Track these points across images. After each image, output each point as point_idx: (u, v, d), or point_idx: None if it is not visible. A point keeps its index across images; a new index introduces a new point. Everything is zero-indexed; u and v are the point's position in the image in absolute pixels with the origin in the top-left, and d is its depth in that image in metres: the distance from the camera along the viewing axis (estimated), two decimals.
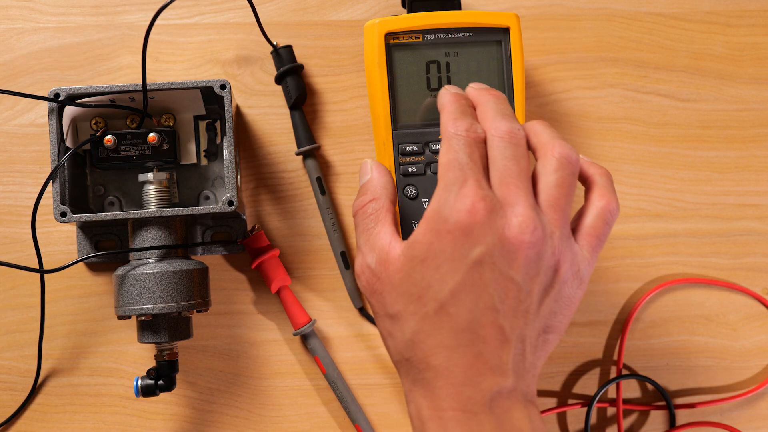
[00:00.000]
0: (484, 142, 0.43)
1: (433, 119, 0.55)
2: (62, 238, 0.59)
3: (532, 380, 0.42)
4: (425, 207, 0.55)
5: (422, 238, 0.41)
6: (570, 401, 0.61)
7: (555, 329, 0.43)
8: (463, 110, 0.44)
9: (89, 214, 0.53)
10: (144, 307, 0.52)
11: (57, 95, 0.53)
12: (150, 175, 0.55)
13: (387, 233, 0.43)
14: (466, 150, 0.41)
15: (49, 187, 0.59)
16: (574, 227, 0.44)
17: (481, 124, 0.44)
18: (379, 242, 0.43)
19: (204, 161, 0.58)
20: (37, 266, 0.56)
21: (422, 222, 0.41)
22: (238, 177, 0.57)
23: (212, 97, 0.56)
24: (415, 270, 0.41)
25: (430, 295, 0.40)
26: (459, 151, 0.41)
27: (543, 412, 0.61)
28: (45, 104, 0.59)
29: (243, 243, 0.58)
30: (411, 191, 0.55)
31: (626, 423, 0.62)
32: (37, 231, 0.59)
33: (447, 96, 0.45)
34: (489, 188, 0.41)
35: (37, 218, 0.59)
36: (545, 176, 0.43)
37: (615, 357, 0.62)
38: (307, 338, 0.59)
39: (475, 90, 0.46)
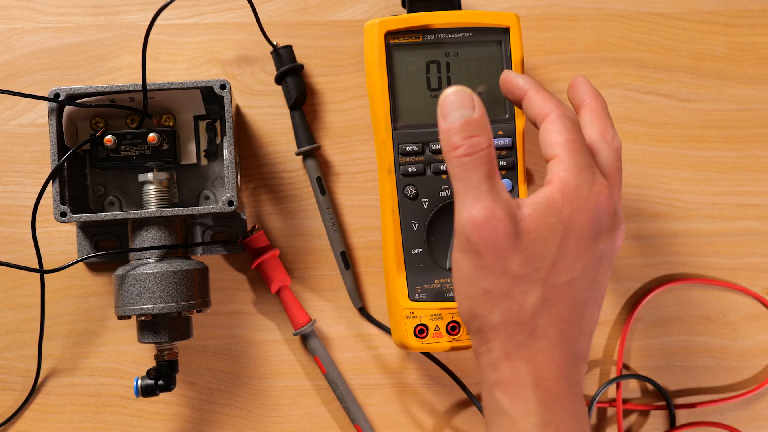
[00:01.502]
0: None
1: (433, 119, 0.55)
2: (62, 238, 0.59)
3: (586, 349, 0.45)
4: (425, 207, 0.55)
5: (563, 208, 0.42)
6: None
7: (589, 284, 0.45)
8: (559, 102, 0.46)
9: (89, 214, 0.53)
10: (144, 307, 0.52)
11: (57, 95, 0.53)
12: (150, 175, 0.55)
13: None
14: (581, 138, 0.44)
15: (49, 187, 0.59)
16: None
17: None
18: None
19: (204, 161, 0.58)
20: (37, 266, 0.56)
21: (558, 192, 0.42)
22: (238, 177, 0.57)
23: (212, 97, 0.56)
24: (555, 237, 0.41)
25: (564, 265, 0.41)
26: (579, 141, 0.44)
27: None
28: (45, 104, 0.59)
29: (243, 243, 0.58)
30: (411, 191, 0.55)
31: (626, 423, 0.62)
32: (37, 231, 0.59)
33: (447, 104, 0.45)
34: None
35: (37, 218, 0.59)
36: (606, 157, 0.46)
37: (615, 357, 0.62)
38: (307, 338, 0.59)
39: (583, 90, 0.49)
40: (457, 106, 0.42)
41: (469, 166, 0.42)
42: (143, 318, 0.53)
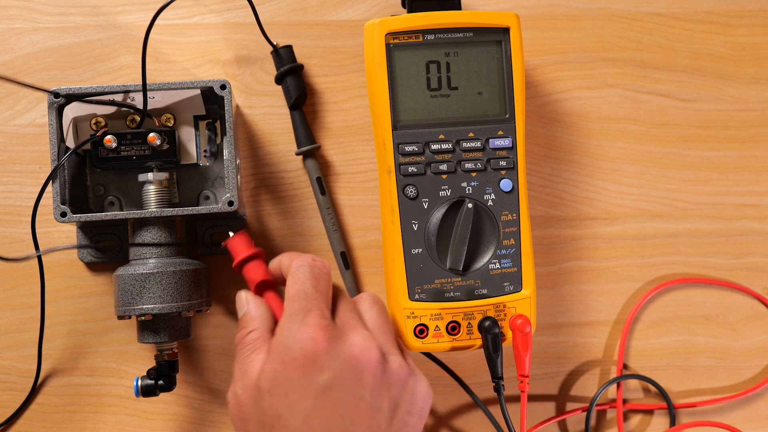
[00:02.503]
0: (329, 274, 0.46)
1: (433, 119, 0.55)
2: (62, 238, 0.59)
3: None
4: (425, 207, 0.55)
5: (269, 368, 0.42)
6: (570, 402, 0.61)
7: None
8: (304, 255, 0.47)
9: (89, 214, 0.53)
10: (144, 307, 0.52)
11: (57, 95, 0.53)
12: (150, 175, 0.55)
13: (259, 361, 0.44)
14: (311, 280, 0.44)
15: (49, 187, 0.59)
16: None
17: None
18: (249, 370, 0.44)
19: (204, 161, 0.58)
20: (35, 266, 0.56)
21: (269, 353, 0.42)
22: (238, 177, 0.57)
23: (212, 97, 0.56)
24: (264, 399, 0.41)
25: (281, 423, 0.41)
26: (305, 282, 0.44)
27: (545, 421, 0.61)
28: (45, 104, 0.59)
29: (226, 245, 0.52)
30: (411, 191, 0.55)
31: (626, 423, 0.62)
32: (37, 231, 0.59)
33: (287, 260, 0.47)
34: (331, 318, 0.44)
35: (37, 218, 0.59)
36: (367, 312, 0.47)
37: (615, 357, 0.62)
38: None
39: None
40: (237, 306, 0.48)
41: (235, 354, 0.46)
42: (143, 318, 0.53)
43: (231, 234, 0.50)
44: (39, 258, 0.55)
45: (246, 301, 0.47)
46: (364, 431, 0.41)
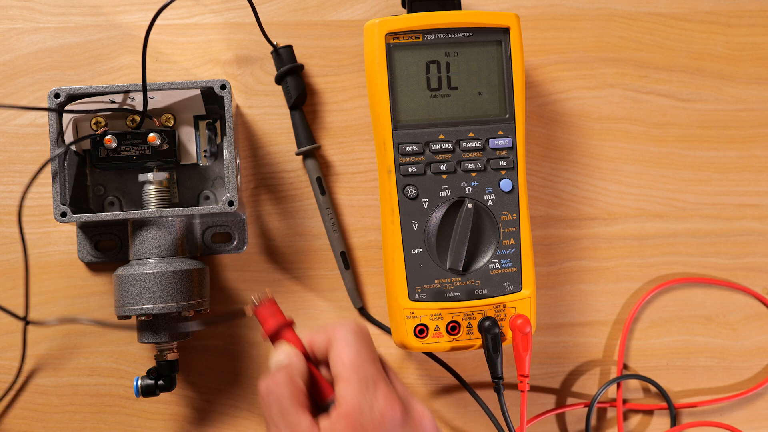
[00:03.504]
0: (371, 337, 0.45)
1: (433, 119, 0.55)
2: (62, 238, 0.59)
3: None
4: (425, 207, 0.55)
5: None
6: (570, 401, 0.61)
7: None
8: (340, 321, 0.47)
9: (89, 214, 0.53)
10: (144, 307, 0.52)
11: (57, 95, 0.53)
12: (150, 175, 0.55)
13: (308, 418, 0.43)
14: (366, 348, 0.44)
15: (50, 187, 0.59)
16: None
17: None
18: (301, 425, 0.42)
19: (204, 161, 0.58)
20: (38, 265, 0.56)
21: (339, 419, 0.42)
22: (238, 177, 0.57)
23: (212, 97, 0.56)
24: None
25: None
26: (360, 348, 0.44)
27: (545, 412, 0.61)
28: (45, 104, 0.59)
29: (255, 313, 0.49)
30: (411, 191, 0.55)
31: (626, 423, 0.62)
32: (37, 231, 0.59)
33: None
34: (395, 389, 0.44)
35: (37, 218, 0.59)
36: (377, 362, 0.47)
37: (615, 357, 0.62)
38: None
39: None
40: (274, 354, 0.46)
41: (267, 401, 0.44)
42: (143, 318, 0.53)
43: (255, 302, 0.47)
44: (27, 308, 0.55)
45: (286, 352, 0.45)
46: None
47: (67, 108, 0.54)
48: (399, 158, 0.55)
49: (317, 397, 0.45)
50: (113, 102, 0.55)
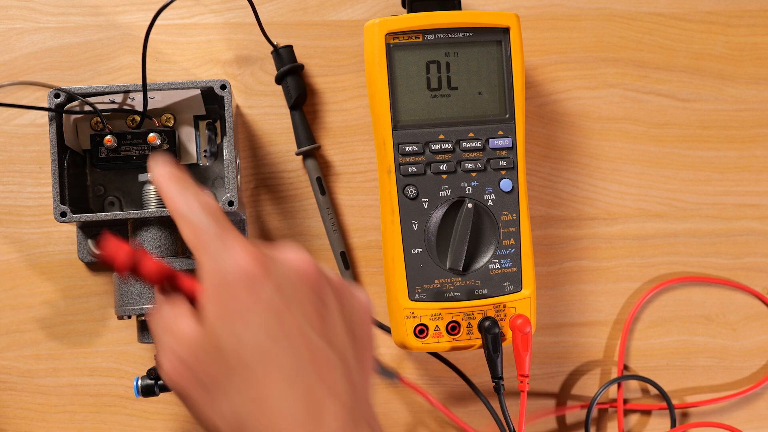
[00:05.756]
0: (217, 203, 0.43)
1: (433, 119, 0.55)
2: (62, 238, 0.59)
3: (369, 408, 0.41)
4: (425, 207, 0.55)
5: (213, 302, 0.39)
6: (570, 402, 0.61)
7: (366, 343, 0.42)
8: (181, 186, 0.43)
9: (89, 214, 0.53)
10: (144, 307, 0.52)
11: (57, 95, 0.53)
12: (150, 175, 0.55)
13: (186, 319, 0.41)
14: (205, 215, 0.41)
15: (50, 187, 0.59)
16: None
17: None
18: (180, 327, 0.40)
19: (204, 161, 0.58)
20: (38, 265, 0.55)
21: (206, 293, 0.40)
22: (238, 177, 0.57)
23: (212, 97, 0.56)
24: (220, 331, 0.39)
25: (246, 345, 0.39)
26: (201, 220, 0.41)
27: (544, 414, 0.61)
28: (45, 104, 0.59)
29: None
30: (411, 191, 0.55)
31: (626, 423, 0.62)
32: (37, 231, 0.59)
33: (159, 181, 0.43)
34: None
35: (37, 218, 0.59)
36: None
37: (615, 357, 0.62)
38: None
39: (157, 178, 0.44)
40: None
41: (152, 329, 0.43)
42: (143, 318, 0.53)
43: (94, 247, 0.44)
44: None
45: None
46: (321, 332, 0.40)
47: (67, 108, 0.54)
48: (399, 158, 0.55)
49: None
50: (113, 102, 0.55)
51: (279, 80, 0.60)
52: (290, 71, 0.60)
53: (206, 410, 0.40)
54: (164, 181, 0.43)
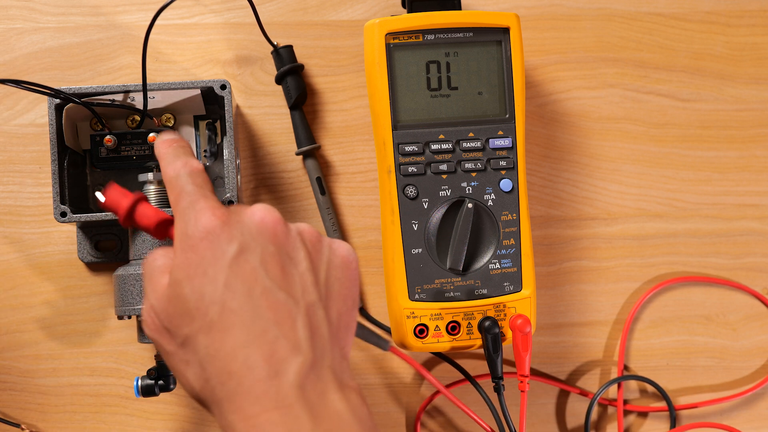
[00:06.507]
0: (203, 171, 0.45)
1: (433, 119, 0.55)
2: (62, 238, 0.59)
3: (341, 360, 0.41)
4: (425, 207, 0.55)
5: (179, 261, 0.41)
6: (570, 401, 0.61)
7: (341, 295, 0.43)
8: (176, 153, 0.46)
9: (89, 214, 0.53)
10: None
11: (57, 95, 0.53)
12: (150, 175, 0.55)
13: (165, 275, 0.43)
14: (189, 180, 0.44)
15: (50, 187, 0.59)
16: None
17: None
18: (158, 282, 0.43)
19: (204, 161, 0.58)
20: (38, 265, 0.55)
21: (174, 249, 0.42)
22: (238, 177, 0.57)
23: (212, 97, 0.56)
24: (184, 288, 0.40)
25: (207, 300, 0.40)
26: (184, 184, 0.43)
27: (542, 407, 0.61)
28: (45, 104, 0.59)
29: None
30: (411, 191, 0.55)
31: (626, 423, 0.62)
32: (37, 231, 0.59)
33: (160, 146, 0.47)
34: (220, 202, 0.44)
35: (37, 218, 0.59)
36: None
37: (615, 357, 0.62)
38: None
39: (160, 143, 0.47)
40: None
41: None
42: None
43: (101, 196, 0.45)
44: None
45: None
46: (284, 285, 0.41)
47: (65, 122, 0.54)
48: (399, 158, 0.55)
49: None
50: (114, 102, 0.55)
51: (279, 80, 0.60)
52: (290, 71, 0.60)
53: (176, 361, 0.42)
54: (162, 147, 0.46)
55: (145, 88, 0.54)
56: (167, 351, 0.42)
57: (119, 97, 0.55)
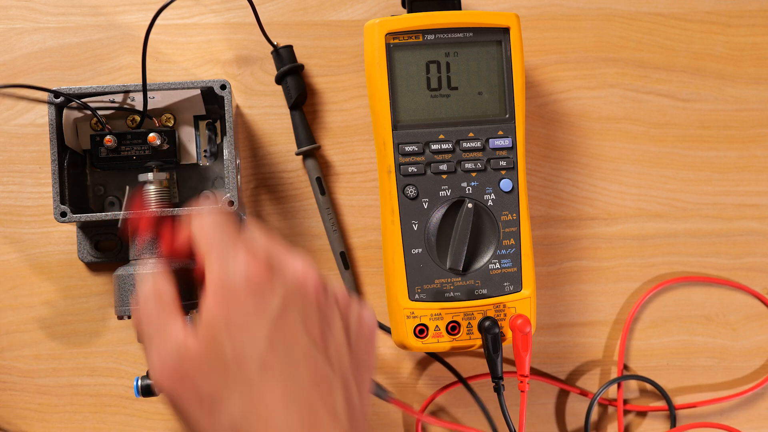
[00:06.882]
0: (234, 218, 0.44)
1: (433, 119, 0.55)
2: (62, 238, 0.59)
3: (365, 427, 0.41)
4: (425, 207, 0.55)
5: (216, 309, 0.39)
6: (570, 401, 0.61)
7: (367, 365, 0.42)
8: (207, 209, 0.44)
9: (89, 214, 0.53)
10: None
11: (57, 95, 0.53)
12: (150, 175, 0.55)
13: (179, 324, 0.40)
14: (219, 226, 0.42)
15: (50, 187, 0.59)
16: None
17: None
18: (173, 332, 0.40)
19: (204, 161, 0.58)
20: (38, 265, 0.56)
21: (208, 300, 0.39)
22: (238, 177, 0.57)
23: (212, 97, 0.56)
24: (223, 340, 0.38)
25: (247, 355, 0.38)
26: (215, 229, 0.41)
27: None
28: (45, 104, 0.59)
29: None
30: (411, 191, 0.55)
31: (626, 423, 0.62)
32: (37, 231, 0.59)
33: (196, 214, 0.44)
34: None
35: (37, 218, 0.59)
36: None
37: (615, 357, 0.62)
38: None
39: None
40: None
41: (140, 331, 0.42)
42: None
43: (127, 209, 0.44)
44: None
45: (148, 277, 0.43)
46: (324, 351, 0.40)
47: (65, 122, 0.54)
48: (399, 158, 0.55)
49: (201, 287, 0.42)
50: (113, 102, 0.55)
51: (279, 80, 0.60)
52: (290, 71, 0.60)
53: (201, 421, 0.39)
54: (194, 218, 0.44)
55: (145, 88, 0.54)
56: (189, 410, 0.39)
57: (119, 97, 0.55)
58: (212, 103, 0.57)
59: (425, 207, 0.55)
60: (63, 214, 0.53)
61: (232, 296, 0.39)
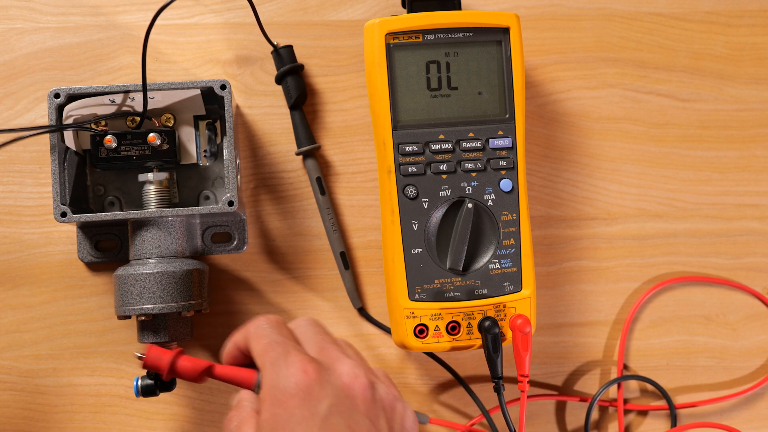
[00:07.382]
0: (284, 322, 0.46)
1: (433, 119, 0.55)
2: (62, 238, 0.59)
3: None
4: (425, 207, 0.55)
5: (268, 415, 0.41)
6: (570, 401, 0.61)
7: None
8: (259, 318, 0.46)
9: (89, 214, 0.53)
10: (144, 307, 0.52)
11: (57, 95, 0.53)
12: (150, 175, 0.55)
13: (251, 427, 0.43)
14: (275, 330, 0.44)
15: (50, 187, 0.59)
16: None
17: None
18: None
19: (204, 161, 0.58)
20: (38, 265, 0.55)
21: (263, 403, 0.42)
22: (238, 177, 0.57)
23: (212, 97, 0.56)
24: None
25: None
26: (270, 334, 0.44)
27: (545, 396, 0.61)
28: (45, 104, 0.59)
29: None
30: (411, 191, 0.55)
31: (627, 423, 0.62)
32: (37, 231, 0.59)
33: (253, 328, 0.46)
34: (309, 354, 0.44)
35: (37, 218, 0.59)
36: (339, 342, 0.47)
37: (615, 357, 0.62)
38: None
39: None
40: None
41: None
42: (143, 318, 0.53)
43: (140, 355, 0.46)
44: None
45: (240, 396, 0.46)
46: None
47: (65, 122, 0.54)
48: (399, 158, 0.55)
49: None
50: (113, 102, 0.55)
51: (279, 80, 0.60)
52: (290, 71, 0.60)
53: None
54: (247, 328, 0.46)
55: (145, 88, 0.54)
56: None
57: (119, 98, 0.55)
58: (212, 103, 0.57)
59: (425, 207, 0.55)
60: (63, 214, 0.53)
61: (283, 400, 0.41)
